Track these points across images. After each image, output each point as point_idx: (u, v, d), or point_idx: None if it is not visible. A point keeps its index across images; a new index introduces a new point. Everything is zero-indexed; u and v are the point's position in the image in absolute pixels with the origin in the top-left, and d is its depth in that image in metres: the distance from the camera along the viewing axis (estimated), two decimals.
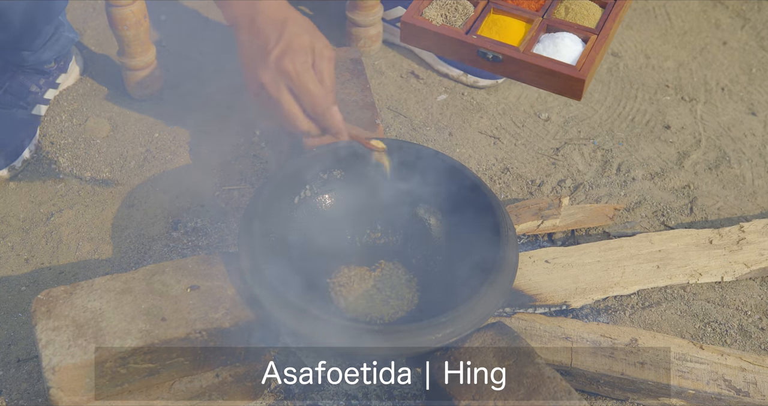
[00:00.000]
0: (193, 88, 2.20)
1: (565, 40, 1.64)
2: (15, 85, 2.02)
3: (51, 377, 1.46)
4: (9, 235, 1.91)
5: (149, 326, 1.52)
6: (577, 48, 1.63)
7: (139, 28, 2.00)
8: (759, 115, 2.23)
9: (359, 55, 1.95)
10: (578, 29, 1.66)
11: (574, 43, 1.64)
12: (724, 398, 1.63)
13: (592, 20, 1.67)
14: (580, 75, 1.58)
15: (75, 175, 2.01)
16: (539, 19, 1.66)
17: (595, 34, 1.64)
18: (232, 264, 1.61)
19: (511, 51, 1.61)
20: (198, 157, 2.06)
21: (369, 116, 1.83)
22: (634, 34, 2.41)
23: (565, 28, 1.66)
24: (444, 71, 2.26)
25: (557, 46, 1.63)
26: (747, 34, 2.43)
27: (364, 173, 1.73)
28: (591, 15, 1.68)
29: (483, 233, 1.63)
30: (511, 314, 1.74)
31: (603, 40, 1.64)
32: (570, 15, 1.68)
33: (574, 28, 1.66)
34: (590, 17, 1.68)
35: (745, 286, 1.88)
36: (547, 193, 2.04)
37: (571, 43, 1.64)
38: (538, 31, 1.65)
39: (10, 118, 2.01)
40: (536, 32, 1.65)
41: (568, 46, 1.63)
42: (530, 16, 1.67)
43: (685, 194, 2.05)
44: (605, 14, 1.68)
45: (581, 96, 1.60)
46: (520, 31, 1.66)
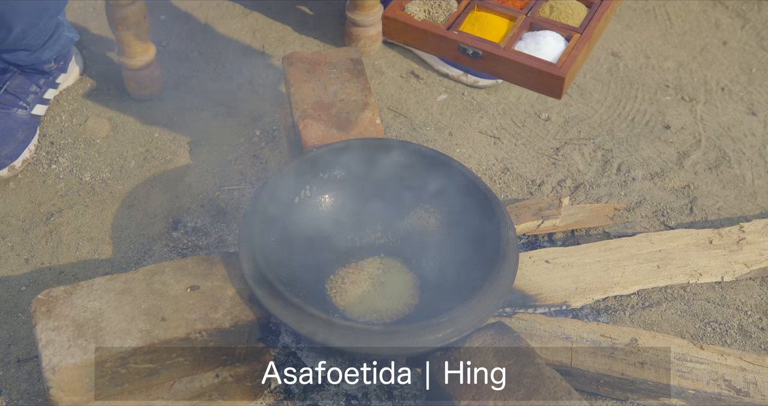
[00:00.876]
0: (193, 88, 2.20)
1: (548, 38, 1.63)
2: (15, 85, 2.02)
3: (51, 377, 1.46)
4: (9, 235, 1.91)
5: (149, 326, 1.52)
6: (560, 46, 1.62)
7: (139, 28, 2.00)
8: (759, 115, 2.23)
9: (359, 55, 1.95)
10: (562, 28, 1.65)
11: (557, 41, 1.63)
12: (724, 398, 1.63)
13: (576, 19, 1.67)
14: (559, 73, 1.57)
15: (75, 175, 2.01)
16: (523, 17, 1.66)
17: (578, 33, 1.64)
18: (232, 264, 1.61)
19: (491, 47, 1.61)
20: (198, 157, 2.06)
21: (369, 116, 1.83)
22: (634, 34, 2.41)
23: (549, 26, 1.66)
24: (444, 71, 2.26)
25: (539, 44, 1.62)
26: (747, 34, 2.43)
27: (364, 173, 1.73)
28: (576, 14, 1.68)
29: (483, 233, 1.63)
30: (511, 314, 1.74)
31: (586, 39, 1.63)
32: (554, 13, 1.68)
33: (557, 27, 1.65)
34: (575, 16, 1.67)
35: (745, 286, 1.88)
36: (547, 193, 2.04)
37: (554, 42, 1.63)
38: (520, 28, 1.65)
39: (10, 118, 2.01)
40: (519, 30, 1.65)
41: (550, 44, 1.62)
42: (514, 14, 1.67)
43: (685, 194, 2.05)
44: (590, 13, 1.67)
45: (561, 94, 1.59)
46: (502, 29, 1.66)
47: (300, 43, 2.33)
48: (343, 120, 1.81)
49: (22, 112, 2.03)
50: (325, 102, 1.84)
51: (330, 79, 1.88)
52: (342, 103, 1.84)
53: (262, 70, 2.26)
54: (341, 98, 1.85)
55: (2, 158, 1.97)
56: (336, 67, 1.90)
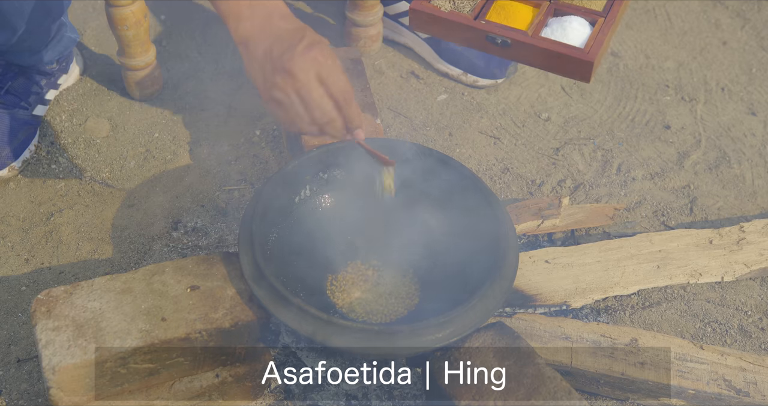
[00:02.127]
0: (193, 88, 2.20)
1: (573, 23, 1.66)
2: (17, 86, 2.02)
3: (51, 377, 1.46)
4: (9, 235, 1.91)
5: (149, 326, 1.52)
6: (585, 31, 1.65)
7: (139, 28, 2.00)
8: (759, 115, 2.23)
9: (359, 55, 1.94)
10: (586, 12, 1.67)
11: (582, 26, 1.66)
12: (724, 398, 1.63)
13: (599, 4, 1.69)
14: (588, 57, 1.60)
15: (75, 175, 2.01)
16: (546, 4, 1.68)
17: (602, 17, 1.66)
18: (232, 264, 1.61)
19: (519, 35, 1.62)
20: (198, 157, 2.06)
21: (369, 116, 1.83)
22: (634, 34, 2.41)
23: (573, 11, 1.68)
24: (444, 70, 2.26)
25: (565, 30, 1.65)
26: (747, 34, 2.43)
27: (364, 173, 1.73)
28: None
29: (483, 234, 1.63)
30: (511, 314, 1.74)
31: (611, 23, 1.66)
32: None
33: (581, 12, 1.67)
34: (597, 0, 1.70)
35: (745, 286, 1.88)
36: (547, 193, 2.04)
37: (579, 27, 1.65)
38: (545, 15, 1.67)
39: (12, 119, 2.01)
40: (544, 16, 1.66)
41: (576, 29, 1.65)
42: (538, 1, 1.68)
43: (685, 194, 2.05)
44: None
45: (590, 78, 1.62)
46: (527, 16, 1.67)
47: None
48: None
49: (23, 112, 2.03)
50: None
51: None
52: None
53: None
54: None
55: (3, 159, 1.97)
56: None
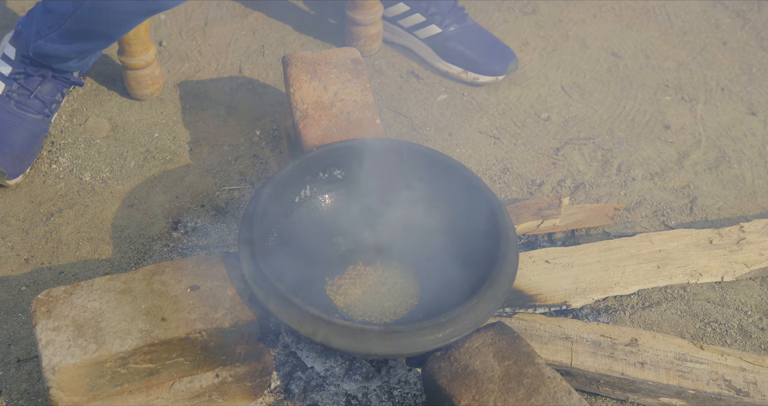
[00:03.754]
0: (193, 88, 2.20)
1: None
2: (44, 91, 2.00)
3: (51, 377, 1.46)
4: (9, 235, 1.91)
5: (149, 326, 1.52)
6: None
7: (139, 28, 2.00)
8: (759, 115, 2.23)
9: (359, 55, 1.94)
10: None
11: None
12: (724, 398, 1.63)
13: None
14: None
15: (75, 175, 2.01)
16: None
17: None
18: (232, 264, 1.61)
19: None
20: (198, 157, 2.06)
21: (369, 116, 1.83)
22: (634, 34, 2.41)
23: None
24: (444, 69, 2.26)
25: None
26: (747, 34, 2.43)
27: (364, 173, 1.73)
28: None
29: (483, 234, 1.63)
30: (511, 314, 1.74)
31: None
32: None
33: None
34: None
35: (745, 286, 1.88)
36: (547, 193, 2.04)
37: None
38: None
39: (35, 125, 1.99)
40: None
41: None
42: None
43: (685, 194, 2.05)
44: None
45: None
46: None
47: (300, 43, 2.33)
48: (343, 120, 1.81)
49: (46, 120, 2.02)
50: (325, 102, 1.84)
51: (330, 79, 1.88)
52: (342, 103, 1.84)
53: (262, 70, 2.26)
54: (341, 98, 1.85)
55: (24, 166, 1.96)
56: (336, 67, 1.90)
